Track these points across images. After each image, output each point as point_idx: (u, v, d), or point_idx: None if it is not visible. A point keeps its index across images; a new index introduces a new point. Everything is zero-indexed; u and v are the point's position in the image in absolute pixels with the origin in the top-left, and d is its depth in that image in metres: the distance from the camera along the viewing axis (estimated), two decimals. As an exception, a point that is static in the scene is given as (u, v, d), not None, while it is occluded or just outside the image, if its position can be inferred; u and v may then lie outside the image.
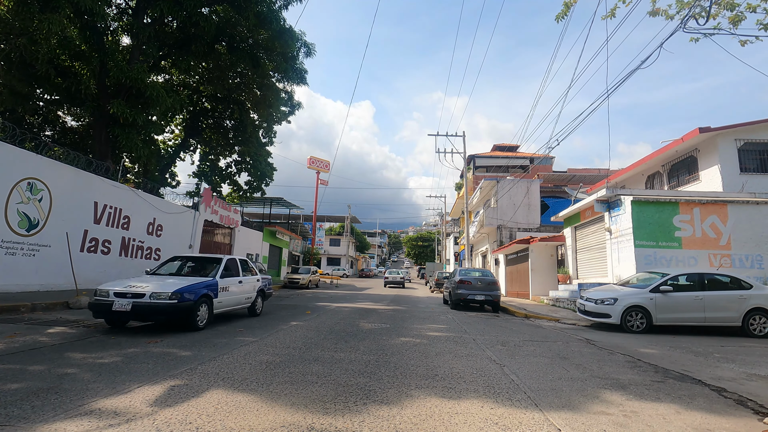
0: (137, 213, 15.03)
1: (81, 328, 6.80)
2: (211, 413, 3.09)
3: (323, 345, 6.13)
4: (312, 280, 25.91)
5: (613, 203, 13.20)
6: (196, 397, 3.44)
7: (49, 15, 10.36)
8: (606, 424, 3.24)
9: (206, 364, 4.61)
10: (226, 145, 22.05)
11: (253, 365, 4.68)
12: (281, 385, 3.92)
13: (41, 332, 6.26)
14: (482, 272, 15.22)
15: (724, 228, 11.89)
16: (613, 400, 3.91)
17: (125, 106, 13.24)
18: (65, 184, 11.92)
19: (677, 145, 16.52)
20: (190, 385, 3.77)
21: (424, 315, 11.61)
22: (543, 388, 4.20)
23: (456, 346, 6.61)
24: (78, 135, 19.74)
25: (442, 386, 4.13)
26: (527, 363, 5.48)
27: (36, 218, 11.06)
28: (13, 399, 3.21)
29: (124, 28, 16.17)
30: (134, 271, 14.82)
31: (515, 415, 3.36)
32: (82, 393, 3.42)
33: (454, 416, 3.26)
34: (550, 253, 19.49)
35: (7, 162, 10.19)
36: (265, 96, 19.61)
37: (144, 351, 5.19)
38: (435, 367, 4.96)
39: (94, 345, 5.47)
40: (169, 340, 6.00)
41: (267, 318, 9.41)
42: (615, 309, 9.38)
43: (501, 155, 39.00)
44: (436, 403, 3.56)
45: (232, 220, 22.44)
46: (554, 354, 6.23)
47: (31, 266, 10.94)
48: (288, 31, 16.60)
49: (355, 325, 8.67)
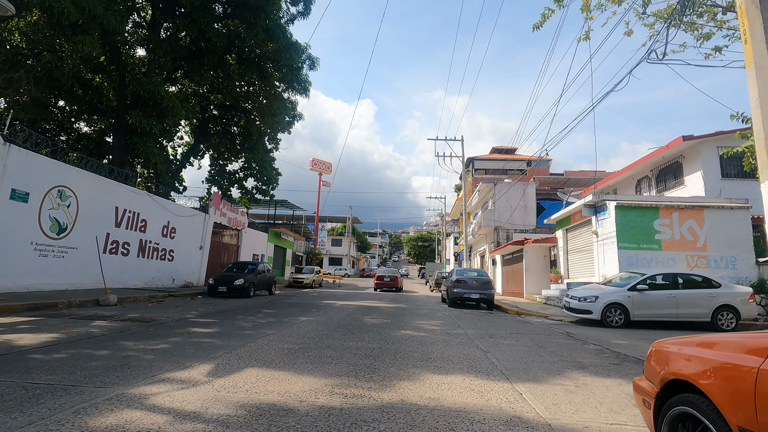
0: (153, 216, 15.99)
1: (119, 322, 7.74)
2: (254, 381, 4.02)
3: (333, 336, 7.07)
4: (315, 279, 26.86)
5: (599, 208, 14.13)
6: (238, 372, 4.37)
7: (81, 37, 11.30)
8: (559, 391, 4.17)
9: (238, 350, 5.54)
10: (234, 151, 23.02)
11: (276, 351, 5.61)
12: (303, 364, 4.86)
13: (87, 325, 7.20)
14: (478, 272, 16.14)
15: (701, 231, 12.81)
16: (571, 376, 4.84)
17: (143, 117, 14.21)
18: (90, 190, 12.87)
19: (663, 152, 17.44)
20: (231, 364, 4.71)
21: (423, 312, 12.54)
22: (516, 368, 5.14)
23: (449, 337, 7.54)
24: (92, 140, 20.72)
25: (434, 366, 5.07)
26: (508, 350, 6.41)
27: (65, 223, 12.02)
28: (98, 372, 4.14)
29: (140, 41, 17.13)
30: (151, 271, 15.79)
31: (489, 385, 4.29)
32: (150, 368, 4.36)
33: (441, 385, 4.19)
34: (543, 254, 20.41)
35: (41, 172, 11.15)
36: (270, 105, 20.55)
37: (183, 340, 6.13)
38: (429, 353, 5.90)
39: (139, 335, 6.41)
40: (198, 333, 6.94)
41: (279, 314, 10.34)
42: (596, 306, 10.31)
43: (499, 157, 39.94)
44: (428, 377, 4.49)
45: (239, 222, 23.40)
46: (534, 344, 7.16)
47: (60, 267, 11.90)
48: (294, 44, 17.55)
49: (359, 320, 9.61)
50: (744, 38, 4.28)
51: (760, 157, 4.02)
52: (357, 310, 11.99)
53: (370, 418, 3.17)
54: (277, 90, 20.33)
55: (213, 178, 23.40)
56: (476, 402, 3.69)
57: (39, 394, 3.37)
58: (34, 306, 8.70)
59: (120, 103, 15.54)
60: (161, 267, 16.51)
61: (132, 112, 14.22)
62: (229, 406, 3.29)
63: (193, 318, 8.84)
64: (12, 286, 10.34)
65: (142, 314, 9.00)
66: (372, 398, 3.66)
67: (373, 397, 3.71)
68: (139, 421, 2.89)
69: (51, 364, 4.37)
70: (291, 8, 17.98)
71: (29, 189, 10.82)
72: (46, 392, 3.43)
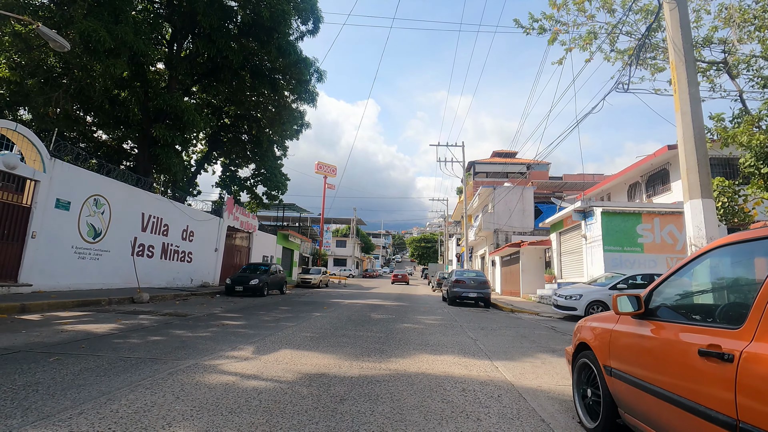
0: (174, 221, 17.24)
1: (160, 316, 8.95)
2: (290, 358, 5.20)
3: (346, 327, 8.25)
4: (322, 280, 28.08)
5: (587, 213, 15.24)
6: (275, 352, 5.55)
7: (113, 60, 12.56)
8: (527, 366, 5.33)
9: (269, 337, 6.73)
10: (245, 158, 24.30)
11: (301, 338, 6.80)
12: (325, 347, 6.04)
13: (136, 318, 8.41)
14: (476, 273, 17.29)
15: (680, 235, 13.90)
16: (541, 357, 6.00)
17: (165, 130, 15.46)
18: (121, 198, 14.13)
19: (651, 159, 18.52)
20: (268, 347, 5.89)
21: (424, 309, 13.70)
22: (498, 351, 6.30)
23: (446, 329, 8.71)
24: (111, 148, 22.02)
25: (431, 349, 6.23)
26: (495, 339, 7.57)
27: (100, 228, 13.28)
28: (169, 350, 5.33)
29: (161, 58, 18.41)
30: (172, 272, 17.04)
31: (473, 362, 5.45)
32: (207, 348, 5.55)
33: (435, 361, 5.36)
34: (539, 256, 21.52)
35: (80, 182, 12.41)
36: (279, 114, 21.79)
37: (222, 330, 7.32)
38: (427, 341, 7.06)
39: (183, 326, 7.61)
40: (231, 325, 8.14)
41: (295, 310, 11.54)
42: (580, 303, 11.44)
43: (499, 161, 41.03)
44: (425, 356, 5.66)
45: (250, 225, 24.66)
46: (518, 335, 8.32)
47: (95, 268, 13.16)
48: (303, 60, 18.77)
49: (367, 316, 10.79)
50: (674, 88, 5.42)
51: (684, 184, 5.14)
52: (364, 308, 13.16)
53: (381, 379, 4.34)
54: (287, 101, 21.58)
55: (224, 183, 24.69)
56: (461, 372, 4.86)
57: (134, 364, 4.56)
58: (82, 302, 9.94)
59: (144, 117, 16.82)
60: (181, 268, 17.76)
61: (156, 126, 15.49)
62: (278, 371, 4.47)
63: (220, 313, 10.04)
64: (57, 285, 11.60)
65: (175, 310, 10.20)
66: (381, 369, 4.84)
67: (382, 368, 4.88)
68: (218, 378, 4.08)
69: (129, 345, 5.56)
70: (301, 26, 19.24)
71: (71, 198, 12.08)
72: (140, 362, 4.63)
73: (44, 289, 11.16)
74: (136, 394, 3.48)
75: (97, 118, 17.93)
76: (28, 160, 11.03)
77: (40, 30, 8.43)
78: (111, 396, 3.41)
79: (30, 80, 14.77)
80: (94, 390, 3.55)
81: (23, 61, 14.70)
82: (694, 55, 6.80)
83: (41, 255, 11.23)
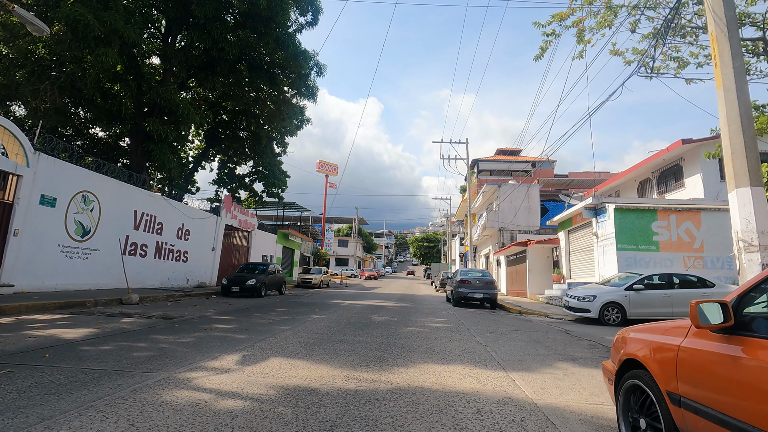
0: (168, 219, 16.65)
1: (146, 319, 8.34)
2: (278, 369, 4.57)
3: (345, 331, 7.62)
4: (323, 280, 27.47)
5: (599, 210, 14.56)
6: (263, 361, 4.93)
7: (103, 49, 11.97)
8: (548, 378, 4.69)
9: (260, 343, 6.10)
10: (243, 155, 23.69)
11: (294, 344, 6.17)
12: (320, 355, 5.41)
13: (118, 322, 7.81)
14: (481, 273, 16.63)
15: (698, 233, 13.20)
16: (561, 366, 5.35)
17: (159, 125, 14.87)
18: (111, 195, 13.54)
19: (663, 155, 17.81)
20: (256, 355, 5.27)
21: (428, 311, 13.06)
22: (512, 359, 5.65)
23: (452, 333, 8.06)
24: (107, 145, 21.46)
25: (437, 357, 5.59)
26: (507, 345, 6.92)
27: (88, 226, 12.70)
28: (141, 361, 4.72)
29: (155, 51, 17.83)
30: (167, 272, 16.45)
31: (486, 373, 4.81)
32: (186, 358, 4.93)
33: (443, 373, 4.72)
34: (546, 255, 20.83)
35: (67, 178, 11.83)
36: (279, 110, 21.17)
37: (208, 335, 6.70)
38: (433, 347, 6.42)
39: (167, 330, 7.00)
40: (221, 329, 7.52)
41: (292, 312, 10.92)
42: (594, 305, 10.77)
43: (504, 159, 40.31)
44: (431, 366, 5.03)
45: (249, 224, 24.06)
46: (531, 339, 7.66)
47: (84, 268, 12.57)
48: (302, 53, 18.15)
49: (368, 318, 10.15)
50: (714, 62, 4.77)
51: (728, 170, 4.50)
52: (365, 309, 12.53)
53: (381, 397, 3.71)
54: (286, 96, 20.96)
55: (222, 180, 24.08)
56: (473, 386, 4.22)
57: (96, 378, 3.95)
58: (65, 304, 9.34)
59: (137, 111, 16.24)
60: (176, 268, 17.17)
61: (149, 120, 14.90)
62: (260, 387, 3.85)
63: (213, 315, 9.44)
64: (42, 286, 11.02)
65: (164, 312, 9.61)
66: (382, 382, 4.20)
67: (383, 381, 4.25)
68: (188, 397, 3.46)
69: (99, 354, 4.95)
70: (300, 18, 18.62)
71: (56, 194, 11.50)
72: (103, 376, 4.01)
73: (28, 289, 10.58)
74: (82, 420, 2.86)
75: (89, 112, 17.36)
76: (10, 153, 10.43)
77: (16, 11, 7.84)
78: (50, 423, 2.78)
79: (19, 72, 14.21)
80: (34, 414, 2.93)
81: (11, 54, 14.14)
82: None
83: (24, 254, 10.65)
